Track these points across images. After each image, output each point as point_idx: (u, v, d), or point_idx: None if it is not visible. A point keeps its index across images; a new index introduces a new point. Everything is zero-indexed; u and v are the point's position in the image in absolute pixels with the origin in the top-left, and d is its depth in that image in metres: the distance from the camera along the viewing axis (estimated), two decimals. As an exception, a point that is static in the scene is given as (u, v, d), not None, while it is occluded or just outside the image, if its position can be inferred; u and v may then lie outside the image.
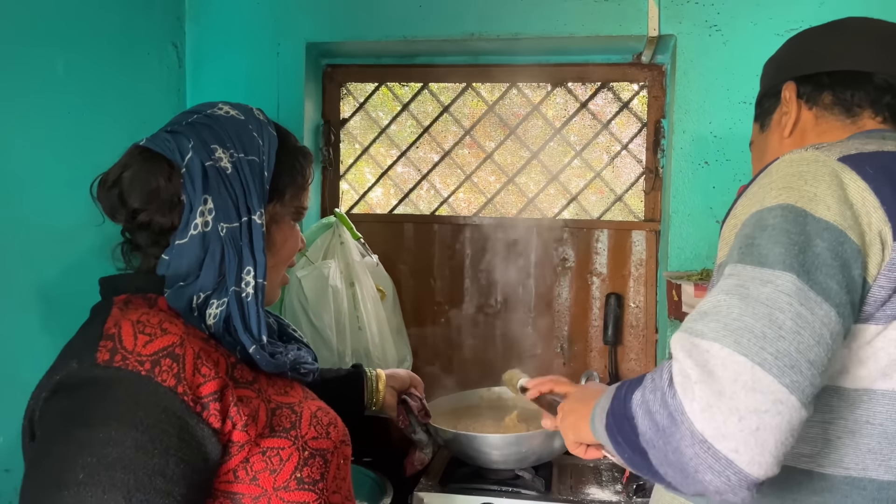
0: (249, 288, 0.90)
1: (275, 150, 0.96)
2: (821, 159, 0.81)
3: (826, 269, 0.73)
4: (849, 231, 0.75)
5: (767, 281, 0.72)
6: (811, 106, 1.02)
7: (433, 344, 2.03)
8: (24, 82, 1.35)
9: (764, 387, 0.67)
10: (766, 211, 0.78)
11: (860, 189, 0.78)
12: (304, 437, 0.92)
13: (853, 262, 0.75)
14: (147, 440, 0.76)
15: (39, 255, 1.37)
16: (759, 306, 0.70)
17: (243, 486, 0.86)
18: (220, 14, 1.91)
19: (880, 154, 0.83)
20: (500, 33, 1.81)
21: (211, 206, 0.88)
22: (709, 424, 0.67)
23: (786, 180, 0.81)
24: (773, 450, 0.67)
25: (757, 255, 0.74)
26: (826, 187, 0.78)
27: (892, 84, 0.97)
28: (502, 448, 1.48)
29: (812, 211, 0.76)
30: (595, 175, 1.99)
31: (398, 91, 2.08)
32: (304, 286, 1.73)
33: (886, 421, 0.79)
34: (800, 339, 0.69)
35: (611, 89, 1.98)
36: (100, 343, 0.81)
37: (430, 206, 2.09)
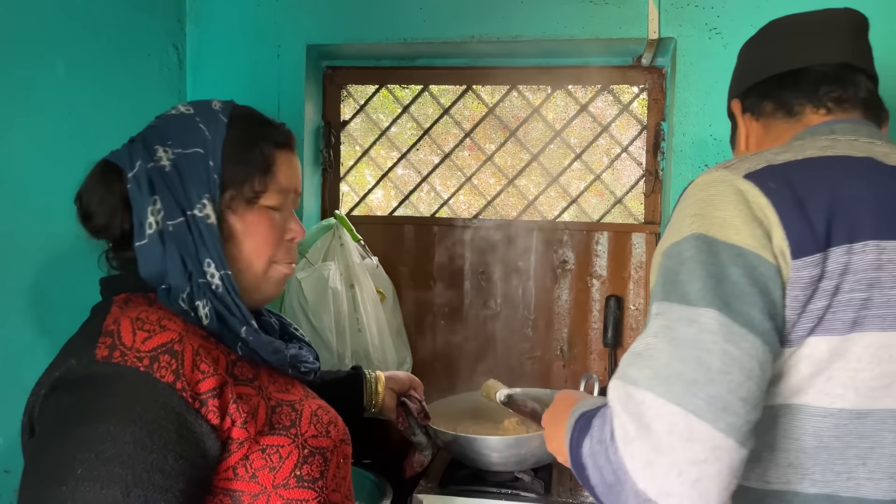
0: (216, 280, 0.90)
1: (221, 137, 0.93)
2: (727, 179, 0.82)
3: (746, 298, 0.73)
4: (762, 251, 0.76)
5: (692, 320, 0.72)
6: (757, 117, 1.04)
7: (433, 346, 2.03)
8: (25, 84, 1.35)
9: (700, 435, 0.67)
10: (683, 242, 0.79)
11: (763, 206, 0.78)
12: (304, 435, 0.92)
13: (772, 284, 0.75)
14: (145, 436, 0.76)
15: (40, 256, 1.37)
16: (687, 349, 0.71)
17: (243, 484, 0.86)
18: (220, 16, 1.92)
19: (790, 165, 0.83)
20: (500, 36, 1.81)
21: (160, 206, 0.89)
22: (651, 483, 0.68)
23: (696, 206, 0.81)
24: (716, 497, 0.68)
25: (680, 292, 0.75)
26: (733, 209, 0.78)
27: (828, 72, 0.97)
28: (502, 450, 1.48)
29: (723, 238, 0.76)
30: (595, 177, 1.99)
31: (399, 93, 2.08)
32: (304, 288, 1.73)
33: (804, 436, 0.79)
34: (730, 378, 0.69)
35: (611, 92, 1.98)
36: (99, 340, 0.82)
37: (431, 209, 2.09)
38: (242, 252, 0.95)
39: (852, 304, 0.77)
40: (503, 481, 1.54)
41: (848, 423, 0.78)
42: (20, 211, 1.33)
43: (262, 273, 0.97)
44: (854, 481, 0.79)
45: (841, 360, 0.77)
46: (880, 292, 0.77)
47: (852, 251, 0.77)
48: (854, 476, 0.79)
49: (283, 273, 1.00)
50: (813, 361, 0.78)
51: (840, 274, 0.77)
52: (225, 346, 0.91)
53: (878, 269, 0.77)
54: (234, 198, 0.93)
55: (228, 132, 0.94)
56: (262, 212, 0.96)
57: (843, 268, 0.77)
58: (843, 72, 0.97)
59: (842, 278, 0.77)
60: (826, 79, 0.97)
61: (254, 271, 0.96)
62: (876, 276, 0.77)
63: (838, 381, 0.78)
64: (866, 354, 0.77)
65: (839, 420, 0.78)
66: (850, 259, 0.77)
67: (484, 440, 1.47)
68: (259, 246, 0.96)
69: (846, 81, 0.97)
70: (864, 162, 0.85)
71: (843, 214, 0.78)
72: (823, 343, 0.77)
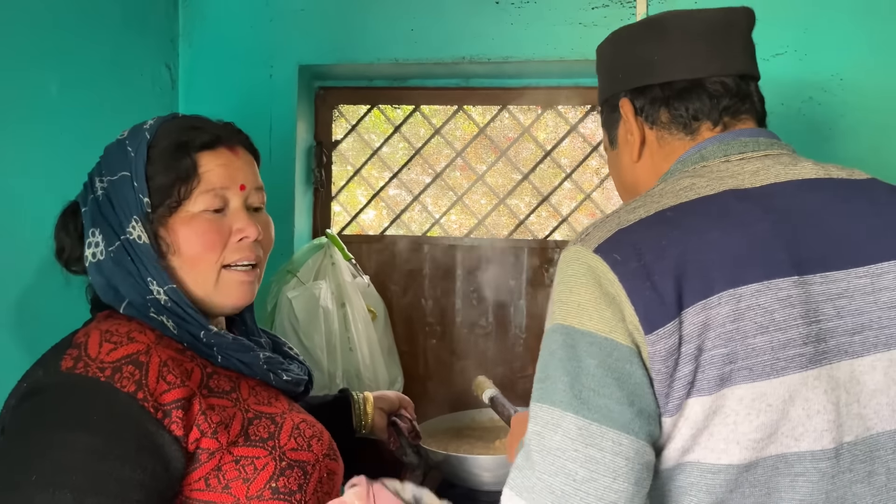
0: (162, 295, 0.91)
1: (143, 155, 0.93)
2: (580, 257, 0.78)
3: (602, 390, 0.72)
4: (614, 334, 0.73)
5: (557, 425, 0.72)
6: (651, 125, 0.96)
7: (424, 365, 2.03)
8: (17, 103, 1.36)
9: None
10: (550, 334, 0.78)
11: (612, 282, 0.75)
12: (282, 448, 0.92)
13: (629, 367, 0.72)
14: (101, 444, 0.77)
15: (31, 273, 1.37)
16: (554, 459, 0.71)
17: (215, 495, 0.86)
18: (213, 36, 1.93)
19: (636, 227, 0.79)
20: (491, 57, 1.83)
21: (99, 237, 0.93)
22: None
23: (558, 289, 0.79)
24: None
25: (548, 393, 0.74)
26: (585, 290, 0.76)
27: (729, 86, 0.91)
28: (493, 469, 1.47)
29: (579, 326, 0.75)
30: (585, 197, 2.01)
31: (390, 113, 2.10)
32: (295, 307, 1.73)
33: (698, 493, 0.75)
34: (596, 485, 0.69)
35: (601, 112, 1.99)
36: (66, 352, 0.84)
37: (422, 228, 2.10)
38: (184, 262, 0.94)
39: (715, 362, 0.73)
40: (495, 501, 1.51)
41: (738, 477, 0.75)
42: (11, 228, 1.33)
43: (214, 281, 0.95)
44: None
45: (717, 416, 0.74)
46: (742, 343, 0.73)
47: (708, 306, 0.73)
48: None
49: (239, 280, 0.97)
50: (691, 423, 0.74)
51: (699, 334, 0.73)
52: (203, 359, 0.92)
53: (737, 319, 0.73)
54: (160, 211, 0.93)
55: (150, 148, 0.94)
56: (193, 218, 0.94)
57: (701, 327, 0.73)
58: (740, 84, 0.92)
59: (702, 337, 0.73)
60: (728, 92, 0.92)
61: (201, 280, 0.94)
62: (735, 328, 0.73)
63: (720, 437, 0.74)
64: (741, 408, 0.73)
65: (728, 475, 0.74)
66: (708, 315, 0.73)
67: (475, 459, 1.47)
68: (197, 252, 0.94)
69: (742, 93, 0.92)
70: (720, 200, 0.81)
71: (693, 272, 0.74)
72: (697, 405, 0.73)
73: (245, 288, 0.97)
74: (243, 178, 0.98)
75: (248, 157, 1.02)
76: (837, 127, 1.69)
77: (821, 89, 1.68)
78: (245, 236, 0.96)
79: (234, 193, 0.97)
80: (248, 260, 0.97)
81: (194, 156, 0.94)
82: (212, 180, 0.94)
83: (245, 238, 0.96)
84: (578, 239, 0.82)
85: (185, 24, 1.94)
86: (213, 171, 0.95)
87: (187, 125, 0.98)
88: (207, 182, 0.94)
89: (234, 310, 0.99)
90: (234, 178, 0.97)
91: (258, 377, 0.97)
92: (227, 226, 0.96)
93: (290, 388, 1.02)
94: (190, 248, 0.93)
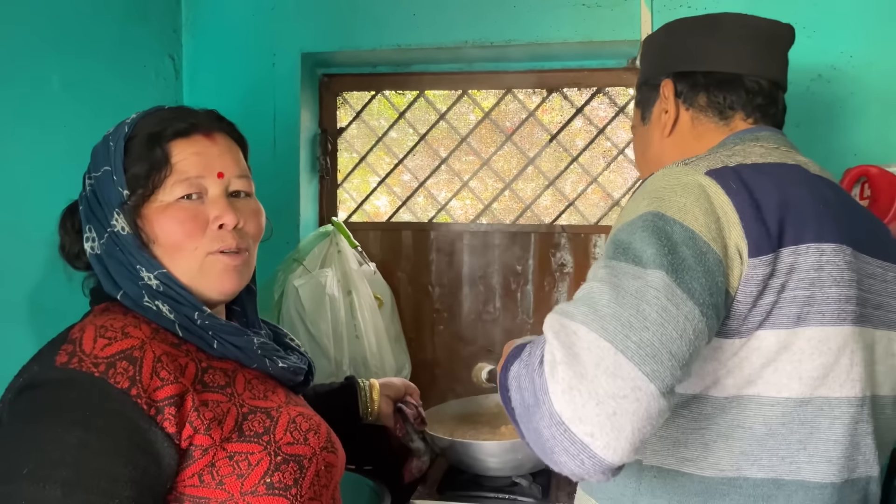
0: (153, 280, 0.92)
1: (121, 148, 0.93)
2: (690, 173, 0.86)
3: (691, 273, 0.76)
4: (712, 243, 0.79)
5: (638, 276, 0.74)
6: (688, 107, 1.07)
7: (431, 351, 2.03)
8: (19, 97, 1.37)
9: (624, 373, 0.68)
10: (638, 218, 0.82)
11: (723, 203, 0.82)
12: (277, 442, 0.92)
13: (716, 271, 0.78)
14: (93, 440, 0.77)
15: (37, 267, 1.38)
16: (629, 297, 0.73)
17: (209, 491, 0.86)
18: (216, 25, 1.93)
19: (743, 168, 0.88)
20: (493, 40, 1.81)
21: (93, 233, 0.95)
22: (567, 406, 0.68)
23: (657, 192, 0.85)
24: (629, 436, 0.68)
25: (631, 255, 0.77)
26: (694, 200, 0.82)
27: (763, 86, 1.03)
28: (499, 455, 1.48)
29: (680, 219, 0.80)
30: (592, 180, 1.99)
31: (396, 99, 2.09)
32: (302, 295, 1.74)
33: (755, 424, 0.85)
34: (663, 331, 0.71)
35: (606, 94, 1.98)
36: (62, 347, 0.84)
37: (429, 214, 2.09)
38: (165, 251, 0.94)
39: (797, 301, 0.83)
40: (501, 486, 1.53)
41: (792, 411, 0.85)
42: (16, 222, 1.34)
43: (197, 268, 0.94)
44: (796, 465, 0.85)
45: (787, 353, 0.84)
46: (820, 291, 0.84)
47: (797, 252, 0.83)
48: (796, 460, 0.85)
49: (223, 264, 0.95)
50: (763, 353, 0.84)
51: (786, 273, 0.83)
52: (199, 354, 0.92)
53: (819, 269, 0.84)
54: (135, 201, 0.93)
55: (127, 141, 0.94)
56: (167, 207, 0.93)
57: (789, 267, 0.83)
58: (773, 89, 1.04)
59: (788, 277, 0.83)
60: (762, 92, 1.03)
61: (184, 268, 0.94)
62: (817, 276, 0.84)
63: (784, 372, 0.84)
64: (808, 347, 0.84)
65: (785, 408, 0.84)
66: (796, 259, 0.83)
67: (480, 445, 1.47)
68: (175, 241, 0.93)
69: (773, 98, 1.05)
70: (796, 169, 0.93)
71: (791, 218, 0.84)
72: (772, 336, 0.83)
73: (230, 273, 0.96)
74: (221, 165, 0.96)
75: (227, 143, 1.00)
76: (846, 105, 1.66)
77: (830, 67, 1.65)
78: (223, 223, 0.95)
79: (211, 181, 0.95)
80: (228, 248, 0.95)
81: (166, 145, 0.93)
82: (185, 169, 0.94)
83: (223, 225, 0.95)
84: (678, 164, 0.90)
85: (187, 13, 1.94)
86: (186, 159, 0.94)
87: (165, 115, 0.97)
88: (181, 171, 0.94)
89: (222, 296, 0.98)
90: (210, 165, 0.95)
91: (254, 363, 0.97)
92: (205, 213, 0.94)
93: (286, 376, 1.02)
94: (167, 237, 0.93)
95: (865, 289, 0.90)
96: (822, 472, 0.85)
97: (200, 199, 0.95)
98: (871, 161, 1.58)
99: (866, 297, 0.90)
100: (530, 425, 0.72)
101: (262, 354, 0.98)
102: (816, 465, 0.85)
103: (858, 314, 0.87)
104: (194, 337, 0.93)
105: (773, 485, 0.85)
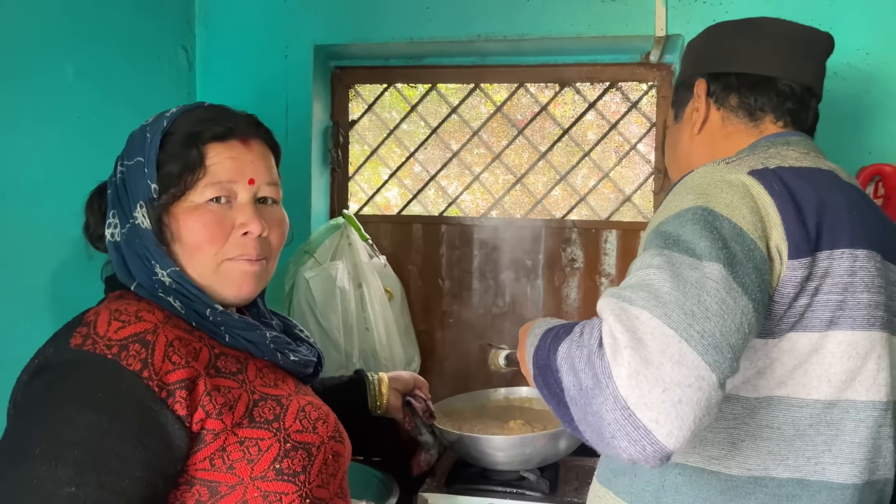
0: (166, 277, 0.93)
1: (157, 142, 0.94)
2: (733, 171, 0.87)
3: (743, 269, 0.77)
4: (758, 241, 0.80)
5: (695, 267, 0.74)
6: (719, 107, 1.08)
7: (441, 345, 2.04)
8: (33, 87, 1.37)
9: (689, 361, 0.68)
10: (685, 211, 0.81)
11: (766, 204, 0.84)
12: (287, 430, 0.93)
13: (763, 269, 0.80)
14: (104, 421, 0.79)
15: (51, 258, 1.40)
16: (689, 286, 0.72)
17: (219, 475, 0.87)
18: (229, 17, 1.93)
19: (783, 171, 0.89)
20: (507, 34, 1.80)
21: (116, 219, 0.96)
22: (633, 392, 0.67)
23: (702, 188, 0.85)
24: (691, 424, 0.68)
25: (684, 246, 0.77)
26: (740, 198, 0.83)
27: (795, 91, 1.04)
28: (507, 450, 1.48)
29: (728, 216, 0.80)
30: (604, 175, 1.98)
31: (408, 92, 2.09)
32: (312, 287, 1.75)
33: (783, 425, 0.87)
34: (723, 322, 0.71)
35: (619, 89, 1.97)
36: (76, 329, 0.85)
37: (440, 207, 2.09)
38: (185, 250, 0.94)
39: (829, 305, 0.85)
40: (509, 480, 1.54)
41: (820, 413, 0.86)
42: (31, 213, 1.35)
43: (212, 271, 0.95)
44: (820, 466, 0.87)
45: (817, 355, 0.85)
46: (852, 296, 0.86)
47: (832, 257, 0.85)
48: (821, 461, 0.87)
49: (241, 269, 0.96)
50: (794, 355, 0.85)
51: (821, 276, 0.84)
52: (212, 340, 0.94)
53: (852, 274, 0.86)
54: (164, 199, 0.93)
55: (164, 136, 0.95)
56: (196, 209, 0.94)
57: (824, 271, 0.85)
58: (805, 94, 1.05)
59: (822, 280, 0.84)
60: (793, 96, 1.04)
61: (200, 269, 0.95)
62: (850, 281, 0.86)
63: (814, 375, 0.86)
64: (839, 350, 0.86)
65: (813, 410, 0.86)
66: (831, 264, 0.85)
67: (489, 440, 1.48)
68: (197, 243, 0.94)
69: (805, 104, 1.05)
70: (830, 175, 0.94)
71: (828, 223, 0.86)
72: (804, 338, 0.85)
73: (248, 278, 0.97)
74: (253, 171, 0.97)
75: (262, 150, 1.01)
76: (862, 102, 1.65)
77: (846, 64, 1.64)
78: (248, 231, 0.95)
79: (241, 187, 0.96)
80: (248, 257, 0.96)
81: (202, 147, 0.94)
82: (218, 173, 0.95)
83: (248, 233, 0.96)
84: (719, 163, 0.91)
85: (200, 5, 1.94)
86: (220, 163, 0.95)
87: (205, 116, 0.97)
88: (213, 174, 0.94)
89: (237, 300, 0.99)
90: (242, 171, 0.96)
91: (266, 357, 0.99)
92: (231, 219, 0.95)
93: (297, 368, 1.03)
94: (191, 238, 0.94)
95: (890, 296, 0.91)
96: (845, 473, 0.87)
97: (229, 203, 0.96)
98: (887, 159, 1.57)
99: (891, 304, 0.91)
100: (589, 409, 0.71)
101: (275, 348, 0.99)
102: (840, 467, 0.87)
103: (887, 320, 0.89)
104: (206, 329, 0.94)
105: (798, 485, 0.87)
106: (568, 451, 1.53)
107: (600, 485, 1.02)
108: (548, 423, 1.59)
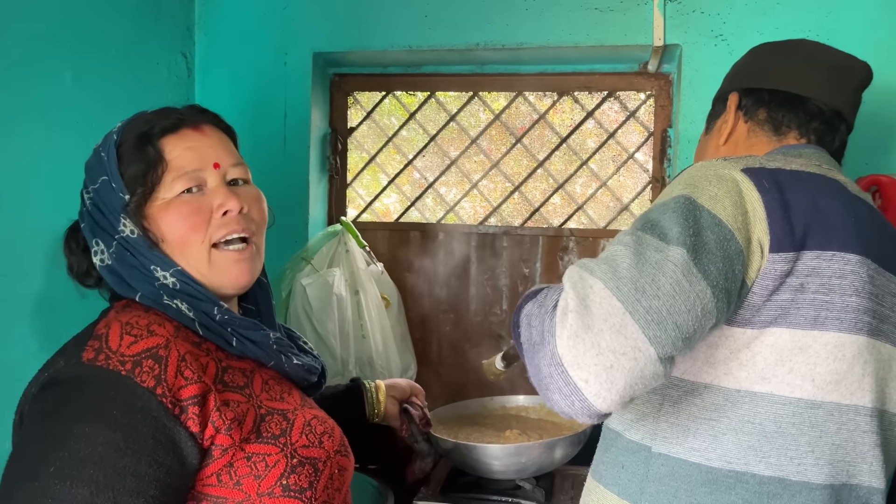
0: (169, 279, 0.93)
1: (113, 156, 0.94)
2: (727, 167, 0.91)
3: (710, 257, 0.80)
4: (736, 233, 0.84)
5: (660, 250, 0.79)
6: (747, 119, 1.12)
7: (438, 352, 2.04)
8: (32, 93, 1.37)
9: (629, 332, 0.73)
10: (671, 200, 0.87)
11: (753, 199, 0.87)
12: (293, 445, 0.92)
13: (735, 259, 0.83)
14: (120, 439, 0.78)
15: (46, 264, 1.39)
16: (648, 266, 0.77)
17: (226, 491, 0.87)
18: (228, 24, 1.94)
19: (780, 171, 0.92)
20: (505, 43, 1.81)
21: (101, 245, 0.95)
22: (569, 351, 0.73)
23: (693, 180, 0.89)
24: (620, 390, 0.73)
25: (658, 231, 0.81)
26: (725, 192, 0.87)
27: (824, 112, 1.07)
28: (502, 458, 1.48)
29: (709, 207, 0.84)
30: (601, 184, 1.99)
31: (406, 100, 2.09)
32: (309, 294, 1.75)
33: (765, 421, 0.88)
34: (673, 302, 0.75)
35: (617, 98, 1.97)
36: (88, 343, 0.84)
37: (438, 215, 2.10)
38: (174, 248, 0.94)
39: (815, 304, 0.87)
40: (504, 489, 1.53)
41: (803, 412, 0.88)
42: (27, 219, 1.35)
43: (206, 263, 0.95)
44: (803, 466, 0.88)
45: (803, 354, 0.87)
46: (841, 298, 0.87)
47: (822, 257, 0.87)
48: (804, 462, 0.88)
49: (231, 259, 0.96)
50: (776, 350, 0.87)
51: (806, 275, 0.86)
52: (219, 353, 0.93)
53: (842, 277, 0.88)
54: (136, 201, 0.93)
55: (117, 147, 0.95)
56: (169, 204, 0.94)
57: (810, 270, 0.87)
58: (834, 118, 1.08)
59: (808, 279, 0.86)
60: (821, 117, 1.07)
61: (195, 264, 0.95)
62: (839, 283, 0.87)
63: (799, 373, 0.87)
64: (825, 351, 0.87)
65: (796, 409, 0.88)
66: (819, 264, 0.87)
67: (485, 448, 1.47)
68: (181, 236, 0.94)
69: (833, 126, 1.08)
70: (833, 183, 0.96)
71: (819, 225, 0.88)
72: (787, 334, 0.87)
73: (241, 266, 0.97)
74: (215, 156, 0.97)
75: (217, 134, 1.01)
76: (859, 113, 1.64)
77: (843, 75, 1.64)
78: (227, 209, 0.95)
79: (209, 173, 0.96)
80: (236, 233, 0.96)
81: (157, 143, 0.94)
82: (181, 164, 0.94)
83: (228, 212, 0.95)
84: (718, 159, 0.94)
85: (200, 11, 1.94)
86: (180, 154, 0.95)
87: (149, 117, 0.98)
88: (177, 167, 0.94)
89: (235, 289, 0.99)
90: (204, 157, 0.96)
91: (271, 360, 0.98)
92: (208, 204, 0.95)
93: (300, 373, 1.03)
94: (174, 233, 0.94)
95: (888, 306, 0.93)
96: (825, 475, 0.89)
97: (201, 191, 0.96)
98: (883, 170, 1.57)
99: (887, 314, 0.92)
100: (532, 362, 0.78)
101: (278, 350, 0.99)
102: (822, 468, 0.88)
103: (875, 327, 0.90)
104: (214, 335, 0.93)
105: (780, 484, 0.88)
106: (564, 460, 1.52)
107: (592, 478, 1.05)
108: (544, 433, 1.59)
